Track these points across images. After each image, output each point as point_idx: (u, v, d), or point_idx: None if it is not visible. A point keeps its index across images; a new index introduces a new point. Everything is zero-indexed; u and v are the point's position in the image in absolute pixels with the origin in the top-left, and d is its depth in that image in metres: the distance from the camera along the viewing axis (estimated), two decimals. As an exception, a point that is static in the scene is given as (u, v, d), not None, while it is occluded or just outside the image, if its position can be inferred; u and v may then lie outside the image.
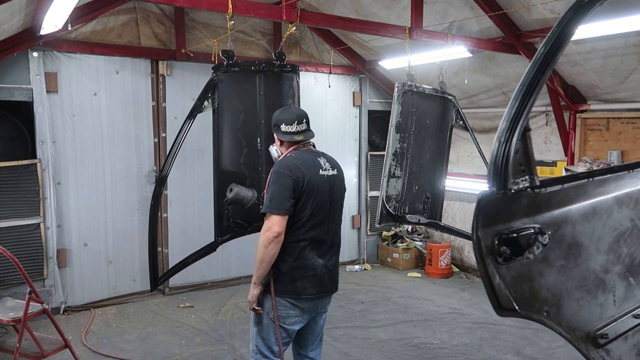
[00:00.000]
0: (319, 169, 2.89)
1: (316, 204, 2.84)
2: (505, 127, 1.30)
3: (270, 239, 2.70)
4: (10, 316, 3.73)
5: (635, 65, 4.74)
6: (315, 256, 2.88)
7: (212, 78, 3.88)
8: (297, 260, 2.83)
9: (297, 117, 2.96)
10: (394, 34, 4.62)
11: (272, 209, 2.72)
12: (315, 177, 2.85)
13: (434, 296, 6.19)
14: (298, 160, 2.86)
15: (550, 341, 4.76)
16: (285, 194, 2.74)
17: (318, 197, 2.85)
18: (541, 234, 1.34)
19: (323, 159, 2.98)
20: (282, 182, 2.75)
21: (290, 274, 2.83)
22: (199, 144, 5.70)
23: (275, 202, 2.73)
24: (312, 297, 2.89)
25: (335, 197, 2.98)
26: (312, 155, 2.96)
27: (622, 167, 1.56)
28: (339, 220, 3.07)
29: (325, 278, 2.93)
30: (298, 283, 2.84)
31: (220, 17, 5.92)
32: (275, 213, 2.71)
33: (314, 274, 2.87)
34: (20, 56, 5.06)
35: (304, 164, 2.84)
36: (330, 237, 2.97)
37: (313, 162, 2.90)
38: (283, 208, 2.73)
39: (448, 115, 4.84)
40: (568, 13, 1.43)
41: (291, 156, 2.90)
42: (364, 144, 7.45)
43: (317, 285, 2.89)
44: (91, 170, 5.57)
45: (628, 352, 1.51)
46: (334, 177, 2.98)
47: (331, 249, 2.99)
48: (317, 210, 2.85)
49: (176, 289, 6.13)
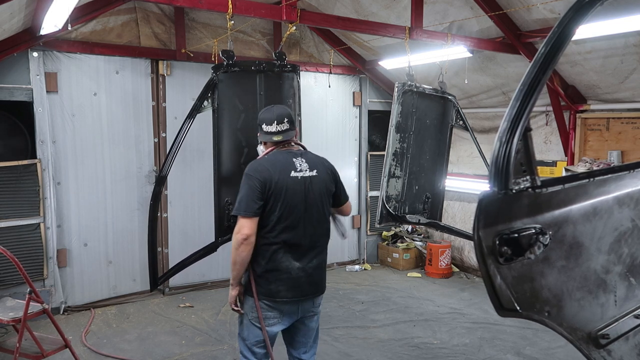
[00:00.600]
0: (291, 170, 2.84)
1: (286, 206, 2.79)
2: (506, 127, 1.30)
3: (239, 242, 2.72)
4: (10, 316, 3.73)
5: (635, 65, 4.74)
6: (290, 259, 2.84)
7: (212, 78, 3.87)
8: (270, 263, 2.81)
9: (277, 117, 2.91)
10: (394, 34, 4.62)
11: (240, 211, 2.73)
12: (284, 178, 2.80)
13: (434, 296, 6.19)
14: (269, 161, 2.85)
15: (551, 341, 4.76)
16: (252, 196, 2.73)
17: (288, 199, 2.80)
18: (542, 234, 1.34)
19: (300, 160, 2.91)
20: (250, 184, 2.75)
21: (264, 276, 2.82)
22: (199, 144, 5.70)
23: (243, 204, 2.73)
24: (287, 300, 2.86)
25: (312, 199, 2.89)
26: (288, 155, 2.91)
27: (623, 167, 1.56)
28: (322, 223, 2.97)
29: (302, 281, 2.87)
30: (272, 286, 2.82)
31: (220, 17, 5.92)
32: (243, 215, 2.72)
33: (288, 277, 2.83)
34: (20, 56, 5.05)
35: (274, 165, 2.81)
36: (308, 240, 2.89)
37: (286, 163, 2.86)
38: (250, 210, 2.72)
39: (448, 115, 4.84)
40: (568, 13, 1.43)
41: (264, 157, 2.90)
42: (364, 144, 7.45)
43: (293, 289, 2.85)
44: (91, 170, 5.57)
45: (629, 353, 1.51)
46: (311, 178, 2.90)
47: (310, 252, 2.91)
48: (287, 213, 2.80)
49: (176, 289, 6.13)
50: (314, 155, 3.08)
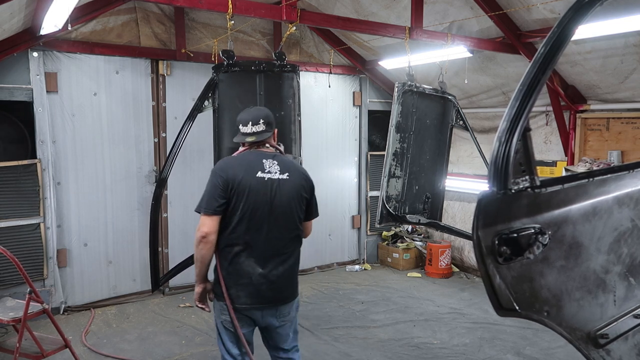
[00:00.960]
0: (258, 171, 2.77)
1: (249, 206, 2.72)
2: (505, 127, 1.31)
3: (198, 239, 2.69)
4: (10, 316, 3.73)
5: (635, 65, 4.74)
6: (253, 264, 2.76)
7: (212, 78, 3.88)
8: (231, 266, 2.76)
9: (253, 118, 2.87)
10: (394, 34, 4.62)
11: (201, 208, 2.71)
12: (249, 178, 2.74)
13: (434, 296, 6.19)
14: (237, 160, 2.83)
15: (551, 341, 4.76)
16: (214, 193, 2.70)
17: (251, 200, 2.73)
18: (541, 234, 1.34)
19: (271, 162, 2.83)
20: (213, 181, 2.73)
21: (226, 279, 2.78)
22: (199, 144, 5.70)
23: (204, 201, 2.71)
24: (247, 307, 2.80)
25: (279, 202, 2.79)
26: (259, 156, 2.85)
27: (622, 167, 1.56)
28: (291, 228, 2.87)
29: (263, 289, 2.78)
30: (232, 290, 2.77)
31: (220, 17, 5.92)
32: (204, 212, 2.69)
33: (249, 283, 2.76)
34: (20, 56, 5.05)
35: (240, 164, 2.78)
36: (273, 245, 2.80)
37: (254, 163, 2.80)
38: (210, 208, 2.68)
39: (448, 115, 4.85)
40: (568, 13, 1.43)
41: (232, 156, 2.89)
42: (364, 144, 7.45)
43: (252, 296, 2.77)
44: (91, 170, 5.57)
45: (628, 352, 1.51)
46: (280, 181, 2.81)
47: (275, 259, 2.81)
48: (250, 214, 2.73)
49: (176, 289, 6.13)
50: (290, 160, 3.00)
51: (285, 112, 4.20)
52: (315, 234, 7.45)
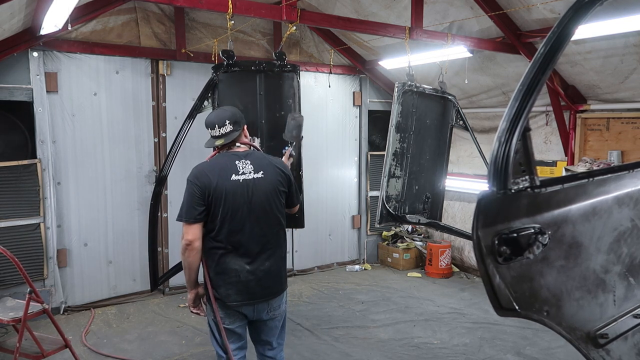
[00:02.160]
0: (232, 174, 2.81)
1: (228, 210, 2.78)
2: (505, 127, 1.31)
3: (184, 247, 2.78)
4: (10, 316, 3.73)
5: (635, 65, 4.74)
6: (240, 262, 2.83)
7: (212, 78, 3.88)
8: (218, 266, 2.84)
9: (218, 121, 2.88)
10: (394, 34, 4.62)
11: (181, 217, 2.77)
12: (224, 182, 2.78)
13: (434, 296, 6.19)
14: (209, 166, 2.86)
15: (551, 341, 4.76)
16: (192, 202, 2.76)
17: (229, 203, 2.78)
18: (541, 233, 1.34)
19: (245, 162, 2.86)
20: (190, 190, 2.79)
21: (215, 279, 2.86)
22: (199, 144, 5.68)
23: (185, 210, 2.77)
24: (238, 304, 2.87)
25: (257, 201, 2.84)
26: (231, 158, 2.87)
27: (622, 167, 1.56)
28: (272, 225, 2.92)
29: (252, 285, 2.85)
30: (222, 289, 2.85)
31: (220, 17, 5.92)
32: (185, 221, 2.76)
33: (237, 281, 2.83)
34: (20, 56, 5.05)
35: (212, 171, 2.81)
36: (256, 242, 2.86)
37: (227, 166, 2.83)
38: (190, 216, 2.75)
39: (448, 115, 4.84)
40: (568, 13, 1.43)
41: (205, 162, 2.91)
42: (364, 144, 7.45)
43: (242, 292, 2.85)
44: (91, 170, 5.57)
45: (628, 352, 1.51)
46: (255, 181, 2.85)
47: (261, 255, 2.88)
48: (230, 216, 2.78)
49: (176, 289, 6.13)
50: (263, 155, 3.01)
51: (285, 112, 4.20)
52: (315, 234, 7.49)
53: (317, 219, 6.93)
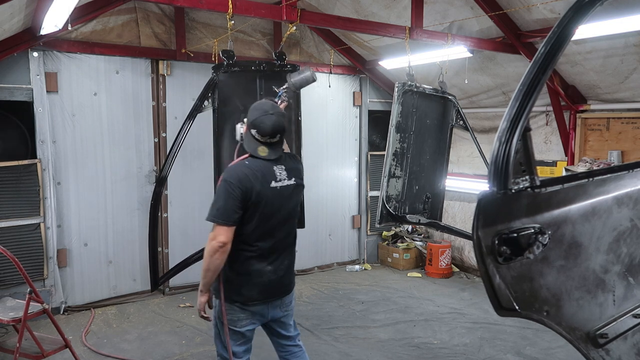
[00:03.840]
0: (271, 180, 2.78)
1: (264, 216, 2.76)
2: (505, 127, 1.31)
3: (215, 249, 2.65)
4: (10, 316, 3.73)
5: (635, 65, 4.74)
6: (264, 264, 2.84)
7: (212, 78, 3.87)
8: (243, 269, 2.81)
9: (272, 132, 2.77)
10: (394, 34, 4.62)
11: (218, 218, 2.66)
12: (265, 189, 2.74)
13: (434, 296, 6.19)
14: (250, 170, 2.74)
15: (551, 341, 4.76)
16: (233, 205, 2.66)
17: (266, 210, 2.76)
18: (541, 233, 1.34)
19: (280, 168, 2.84)
20: (231, 192, 2.66)
21: (237, 280, 2.81)
22: (199, 144, 5.71)
23: (222, 212, 2.66)
24: (258, 303, 2.87)
25: (288, 207, 2.88)
26: (268, 163, 2.82)
27: (622, 167, 1.56)
28: (292, 225, 2.98)
29: (274, 284, 2.89)
30: (244, 289, 2.81)
31: (220, 17, 5.92)
32: (222, 223, 2.66)
33: (261, 281, 2.84)
34: (21, 56, 5.06)
35: (254, 175, 2.73)
36: (281, 244, 2.90)
37: (267, 172, 2.78)
38: (230, 219, 2.67)
39: (448, 115, 4.85)
40: (568, 13, 1.43)
41: (244, 164, 2.77)
42: (364, 144, 7.45)
43: (264, 292, 2.86)
44: (91, 170, 5.57)
45: (628, 352, 1.51)
46: (289, 188, 2.86)
47: (281, 256, 2.92)
48: (264, 223, 2.78)
49: (176, 289, 6.13)
50: (290, 158, 2.99)
51: (285, 112, 4.19)
52: (315, 234, 7.48)
53: (317, 219, 6.93)
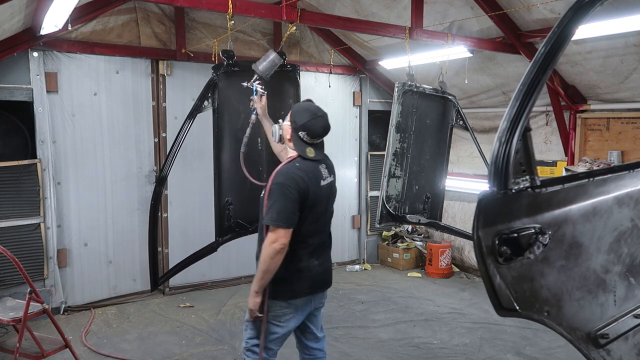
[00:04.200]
0: (320, 180, 2.89)
1: (315, 214, 2.87)
2: (505, 127, 1.31)
3: (277, 251, 2.71)
4: (10, 316, 3.73)
5: (635, 65, 4.74)
6: (312, 259, 2.93)
7: (212, 78, 3.87)
8: (295, 266, 2.87)
9: (322, 134, 2.91)
10: (394, 34, 4.62)
11: (280, 222, 2.71)
12: (317, 189, 2.85)
13: (434, 296, 6.18)
14: (303, 171, 2.82)
15: (551, 341, 4.76)
16: (293, 207, 2.74)
17: (318, 208, 2.88)
18: (542, 233, 1.34)
19: (323, 167, 2.96)
20: (288, 195, 2.73)
21: (288, 277, 2.86)
22: (199, 144, 5.70)
23: (283, 216, 2.72)
24: (305, 295, 2.95)
25: (331, 203, 3.02)
26: (316, 164, 2.93)
27: (623, 167, 1.56)
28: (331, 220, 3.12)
29: (321, 277, 3.00)
30: (295, 285, 2.89)
31: (220, 17, 5.92)
32: (284, 227, 2.72)
33: (309, 276, 2.93)
34: (21, 56, 5.05)
35: (308, 176, 2.82)
36: (327, 240, 3.05)
37: (316, 172, 2.89)
38: (291, 223, 2.74)
39: (448, 115, 4.84)
40: (568, 13, 1.43)
41: (295, 165, 2.83)
42: (364, 144, 7.44)
43: (312, 285, 2.96)
44: (91, 170, 5.57)
45: (628, 352, 1.51)
46: (331, 184, 3.00)
47: (326, 250, 3.06)
48: (316, 220, 2.89)
49: (176, 289, 6.13)
50: (325, 155, 3.08)
51: (285, 112, 4.18)
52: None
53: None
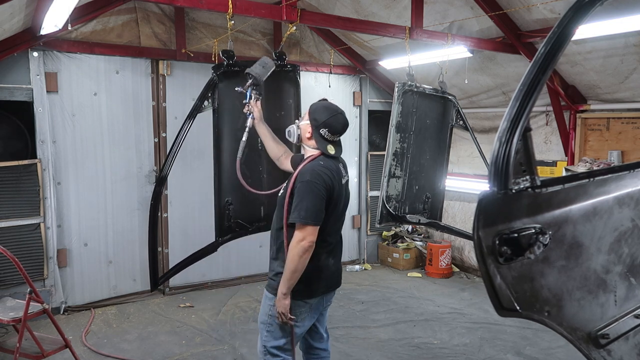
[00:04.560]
0: (341, 178, 2.94)
1: (337, 212, 2.93)
2: (506, 127, 1.30)
3: (305, 249, 2.71)
4: (10, 316, 3.73)
5: (635, 65, 4.74)
6: (330, 258, 2.97)
7: (212, 78, 3.87)
8: (315, 265, 2.85)
9: (342, 130, 3.02)
10: (394, 34, 4.62)
11: (309, 219, 2.71)
12: (339, 187, 2.90)
13: (434, 296, 6.18)
14: (327, 168, 2.85)
15: (551, 341, 4.76)
16: (321, 205, 2.76)
17: (339, 205, 2.93)
18: (542, 234, 1.34)
19: (341, 165, 3.03)
20: (318, 192, 2.75)
21: (306, 277, 2.82)
22: (199, 144, 5.70)
23: (311, 213, 2.72)
24: (321, 293, 2.98)
25: (347, 202, 3.07)
26: (336, 162, 2.98)
27: (623, 167, 1.56)
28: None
29: (335, 275, 3.03)
30: (313, 285, 2.90)
31: (220, 17, 5.92)
32: (314, 224, 2.73)
33: (326, 275, 2.96)
34: (21, 56, 5.05)
35: (332, 174, 2.85)
36: (340, 237, 3.10)
37: (338, 170, 2.94)
38: (320, 220, 2.76)
39: (448, 115, 4.84)
40: (568, 13, 1.43)
41: (319, 164, 2.85)
42: (364, 144, 7.45)
43: (327, 284, 3.00)
44: (91, 170, 5.57)
45: (629, 352, 1.51)
46: (347, 183, 3.08)
47: (340, 248, 3.11)
48: (336, 219, 2.95)
49: (176, 289, 6.13)
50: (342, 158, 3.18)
51: (285, 112, 4.20)
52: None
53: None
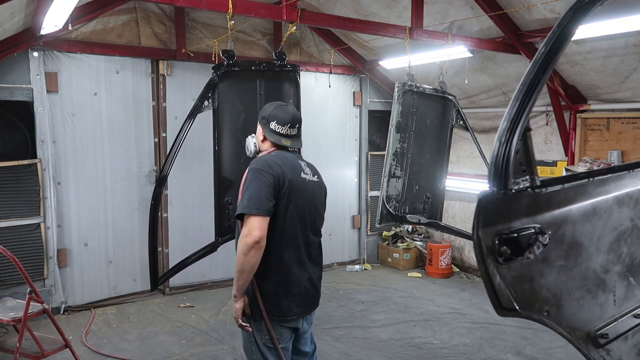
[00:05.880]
0: (301, 172, 2.64)
1: (298, 208, 2.58)
2: (505, 127, 1.30)
3: (250, 245, 2.36)
4: (10, 316, 3.73)
5: (635, 65, 4.74)
6: (301, 270, 2.62)
7: (212, 78, 3.88)
8: (280, 275, 2.56)
9: (292, 120, 2.68)
10: (394, 34, 4.62)
11: (251, 208, 2.38)
12: (296, 179, 2.58)
13: (434, 296, 6.19)
14: (279, 158, 2.59)
15: (551, 341, 4.76)
16: (266, 192, 2.43)
17: (300, 202, 2.59)
18: (541, 233, 1.34)
19: (304, 163, 2.73)
20: (261, 179, 2.44)
21: (274, 292, 2.55)
22: (199, 144, 5.70)
23: (254, 201, 2.39)
24: (296, 317, 2.66)
25: (317, 205, 2.72)
26: (295, 156, 2.71)
27: (623, 167, 1.56)
28: (320, 232, 2.79)
29: (310, 294, 2.69)
30: (283, 303, 2.58)
31: (220, 17, 5.92)
32: (255, 214, 2.38)
33: (299, 292, 2.62)
34: (21, 56, 5.06)
35: (284, 163, 2.57)
36: (313, 247, 2.71)
37: (295, 163, 2.65)
38: (264, 208, 2.40)
39: (448, 115, 4.85)
40: (568, 13, 1.43)
41: (271, 154, 2.63)
42: (364, 144, 7.45)
43: (302, 304, 2.66)
44: (91, 170, 5.57)
45: (628, 352, 1.51)
46: (316, 185, 2.73)
47: (313, 261, 2.72)
48: (298, 217, 2.58)
49: (176, 289, 6.13)
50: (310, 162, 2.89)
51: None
52: (315, 234, 7.42)
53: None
